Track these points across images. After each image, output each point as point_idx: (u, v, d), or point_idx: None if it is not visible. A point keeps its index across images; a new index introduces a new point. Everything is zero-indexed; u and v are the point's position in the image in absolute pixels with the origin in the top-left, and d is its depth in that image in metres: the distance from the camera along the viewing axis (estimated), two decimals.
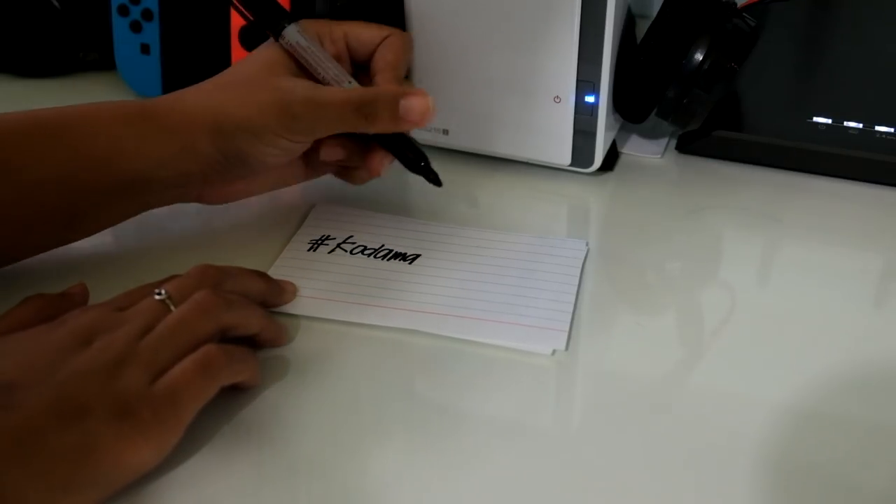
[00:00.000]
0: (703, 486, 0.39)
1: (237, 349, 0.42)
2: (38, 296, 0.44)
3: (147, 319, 0.41)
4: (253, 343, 0.45)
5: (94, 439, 0.36)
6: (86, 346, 0.39)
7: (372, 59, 0.53)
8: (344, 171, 0.54)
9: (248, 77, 0.50)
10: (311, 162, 0.54)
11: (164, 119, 0.49)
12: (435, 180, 0.52)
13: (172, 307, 0.42)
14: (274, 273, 0.51)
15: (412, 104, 0.49)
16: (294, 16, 0.51)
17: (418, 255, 0.53)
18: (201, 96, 0.50)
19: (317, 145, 0.51)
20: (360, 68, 0.53)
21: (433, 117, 0.50)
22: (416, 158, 0.51)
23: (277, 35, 0.50)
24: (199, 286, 0.43)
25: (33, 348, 0.40)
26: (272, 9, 0.51)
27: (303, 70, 0.50)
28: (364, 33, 0.52)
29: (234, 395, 0.42)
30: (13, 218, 0.47)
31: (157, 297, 0.42)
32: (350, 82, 0.50)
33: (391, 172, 0.52)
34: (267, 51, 0.51)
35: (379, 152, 0.52)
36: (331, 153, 0.52)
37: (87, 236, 0.50)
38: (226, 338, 0.43)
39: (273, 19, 0.50)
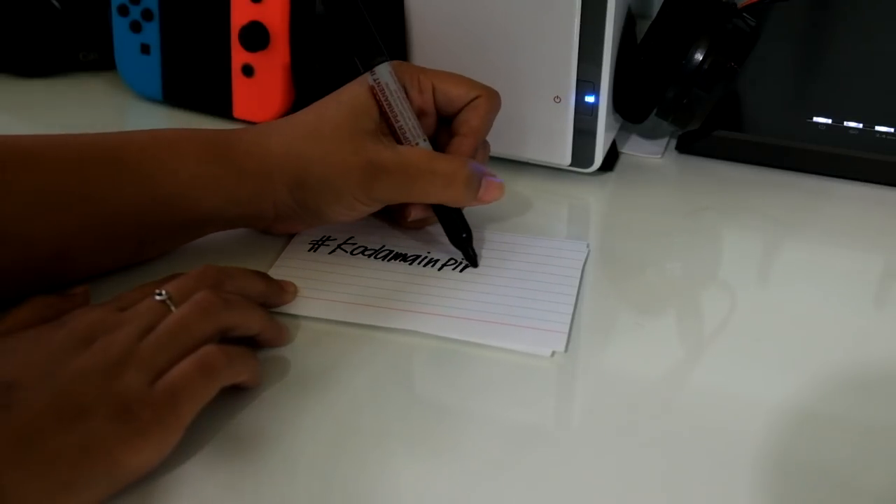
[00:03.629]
0: (703, 487, 0.39)
1: (237, 349, 0.42)
2: (39, 296, 0.44)
3: (147, 320, 0.41)
4: (253, 343, 0.45)
5: (94, 440, 0.36)
6: (86, 347, 0.39)
7: (456, 118, 0.52)
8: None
9: (334, 127, 0.49)
10: None
11: (244, 161, 0.49)
12: (472, 259, 0.52)
13: (173, 307, 0.42)
14: (274, 273, 0.51)
15: (492, 188, 0.50)
16: (389, 54, 0.50)
17: (419, 256, 0.53)
18: (285, 142, 0.49)
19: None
20: (442, 120, 0.53)
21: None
22: (461, 231, 0.51)
23: (368, 69, 0.49)
24: (200, 286, 0.43)
25: (34, 348, 0.40)
26: (370, 42, 0.49)
27: (382, 115, 0.49)
28: (453, 90, 0.51)
29: (234, 396, 0.42)
30: (87, 242, 0.47)
31: (157, 297, 0.42)
32: (424, 140, 0.50)
33: None
34: (353, 95, 0.50)
35: (420, 206, 0.52)
36: (418, 213, 0.52)
37: (149, 258, 0.51)
38: (226, 338, 0.43)
39: (368, 52, 0.49)
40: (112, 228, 0.48)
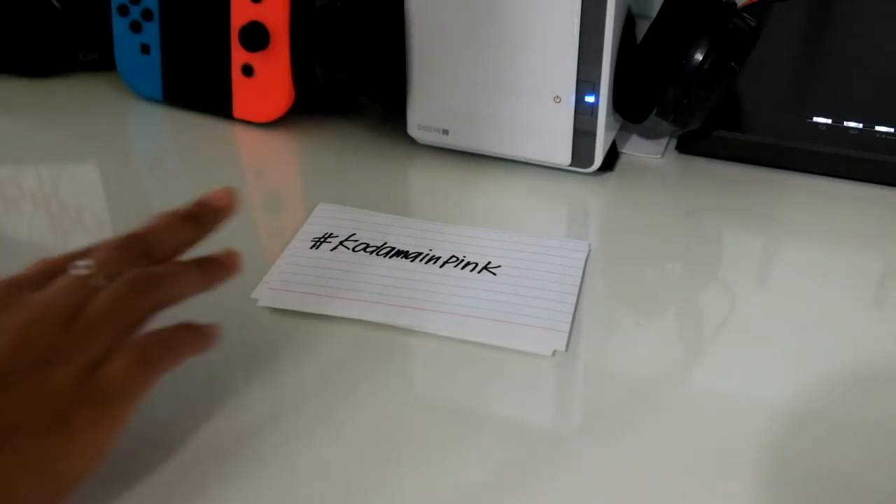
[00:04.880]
0: (703, 487, 0.39)
1: (174, 330, 0.38)
2: None
3: (73, 302, 0.36)
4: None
5: (26, 460, 0.33)
6: (1, 341, 0.34)
7: None
8: None
9: None
10: None
11: None
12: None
13: (98, 284, 0.37)
14: (275, 271, 0.51)
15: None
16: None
17: (420, 254, 0.53)
18: None
19: None
20: None
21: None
22: None
23: None
24: (126, 255, 0.38)
25: None
26: None
27: None
28: None
29: (231, 398, 0.42)
30: None
31: (80, 270, 0.37)
32: None
33: (394, 173, 0.52)
34: None
35: None
36: None
37: None
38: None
39: None
40: None
